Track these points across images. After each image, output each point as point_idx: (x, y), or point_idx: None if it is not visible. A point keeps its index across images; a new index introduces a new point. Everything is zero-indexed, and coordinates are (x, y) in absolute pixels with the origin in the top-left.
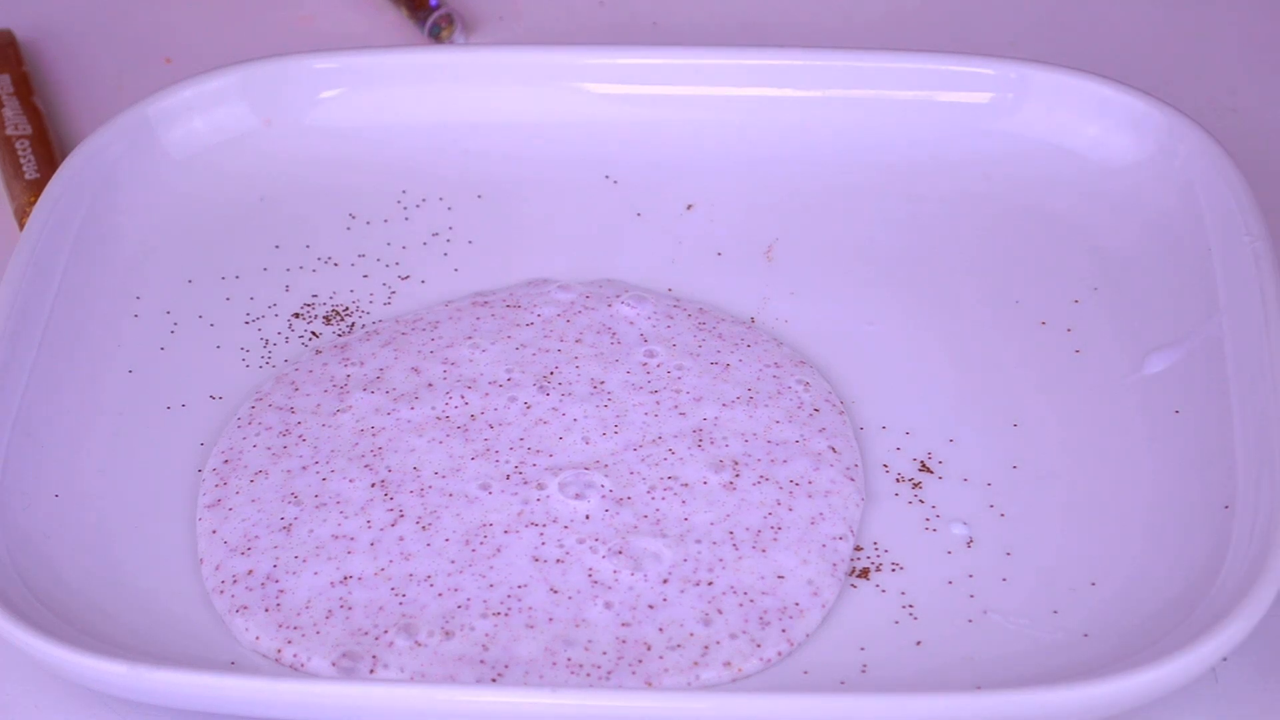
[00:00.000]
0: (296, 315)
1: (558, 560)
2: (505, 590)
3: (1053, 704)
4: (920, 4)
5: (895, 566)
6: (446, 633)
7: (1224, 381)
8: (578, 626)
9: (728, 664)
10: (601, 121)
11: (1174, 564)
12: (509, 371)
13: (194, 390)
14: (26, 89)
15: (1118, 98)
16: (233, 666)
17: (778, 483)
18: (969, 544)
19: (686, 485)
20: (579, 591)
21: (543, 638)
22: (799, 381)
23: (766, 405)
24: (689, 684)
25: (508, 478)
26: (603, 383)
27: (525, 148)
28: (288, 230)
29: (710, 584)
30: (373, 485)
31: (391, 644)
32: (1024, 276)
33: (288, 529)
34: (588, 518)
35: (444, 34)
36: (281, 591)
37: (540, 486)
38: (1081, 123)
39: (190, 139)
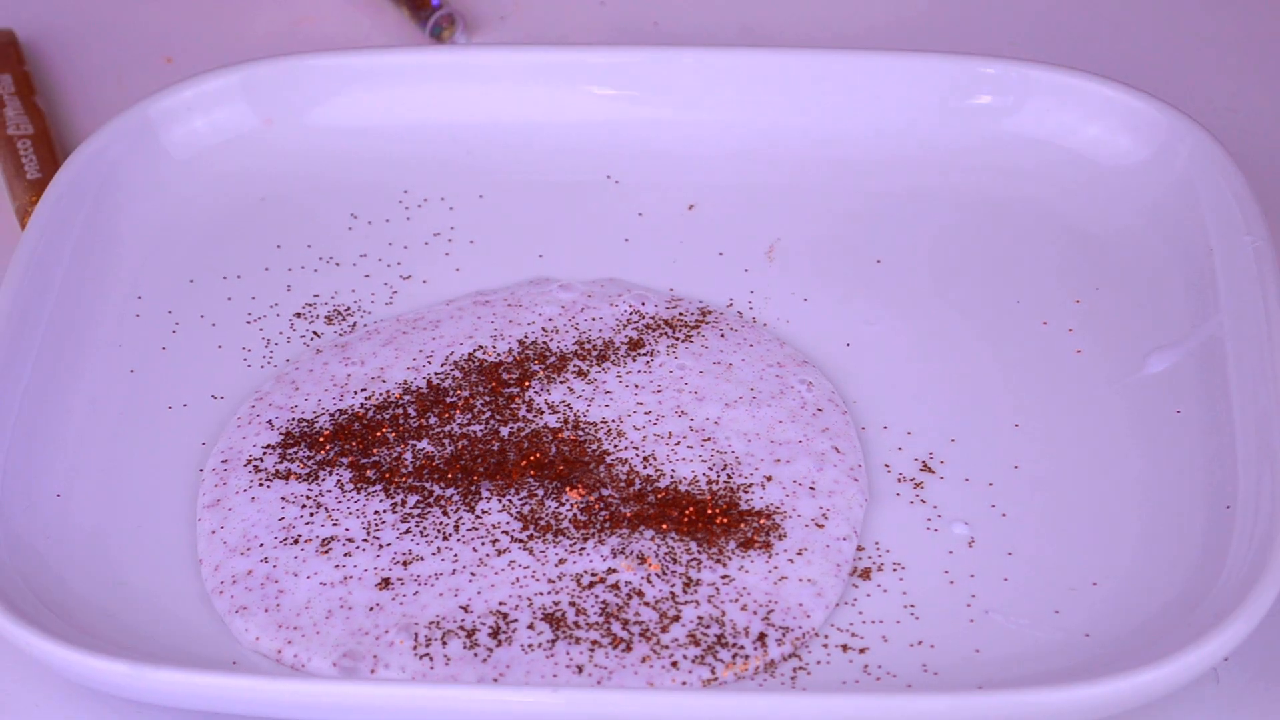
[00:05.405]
0: (298, 315)
1: (559, 560)
2: (506, 590)
3: (1054, 704)
4: (921, 4)
5: (896, 566)
6: (448, 632)
7: (1224, 381)
8: (579, 626)
9: (729, 664)
10: (602, 121)
11: (1175, 564)
12: (510, 371)
13: (195, 390)
14: (28, 89)
15: (1118, 98)
16: (234, 666)
17: (781, 483)
18: (970, 544)
19: (689, 485)
20: (580, 591)
21: (543, 638)
22: (801, 381)
23: (769, 405)
24: (689, 684)
25: (509, 477)
26: (604, 382)
27: (526, 148)
28: (289, 230)
29: (712, 584)
30: (373, 485)
31: (392, 644)
32: (1025, 276)
33: (287, 529)
34: (590, 518)
35: (445, 34)
36: (281, 592)
37: (541, 486)
38: (1081, 123)
39: (191, 139)
